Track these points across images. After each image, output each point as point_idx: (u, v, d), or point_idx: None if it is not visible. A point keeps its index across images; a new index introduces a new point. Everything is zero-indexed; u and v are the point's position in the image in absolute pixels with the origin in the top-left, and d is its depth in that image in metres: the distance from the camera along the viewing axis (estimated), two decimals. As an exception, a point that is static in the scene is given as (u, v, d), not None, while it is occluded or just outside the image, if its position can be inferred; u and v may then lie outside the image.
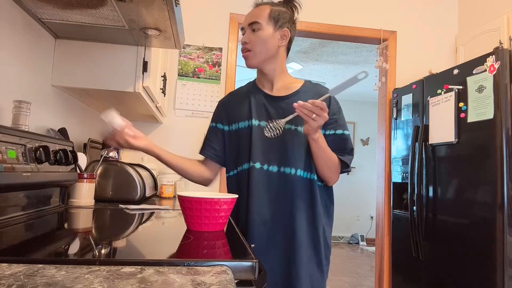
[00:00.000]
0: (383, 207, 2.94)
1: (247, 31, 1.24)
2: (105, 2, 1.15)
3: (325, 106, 1.03)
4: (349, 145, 1.23)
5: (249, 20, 1.23)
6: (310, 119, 1.03)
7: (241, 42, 1.24)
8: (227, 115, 1.30)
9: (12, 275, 0.46)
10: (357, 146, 6.51)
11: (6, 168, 0.85)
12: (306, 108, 1.02)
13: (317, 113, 1.02)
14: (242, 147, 1.24)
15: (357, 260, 4.98)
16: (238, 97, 1.32)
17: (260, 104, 1.25)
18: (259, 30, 1.21)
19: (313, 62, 4.71)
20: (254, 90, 1.30)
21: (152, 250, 0.75)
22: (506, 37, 2.35)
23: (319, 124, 1.05)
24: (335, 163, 1.20)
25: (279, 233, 1.16)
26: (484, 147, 1.99)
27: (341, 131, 1.22)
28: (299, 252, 1.14)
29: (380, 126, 3.10)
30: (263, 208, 1.17)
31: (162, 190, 2.02)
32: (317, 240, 1.18)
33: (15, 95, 1.26)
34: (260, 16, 1.22)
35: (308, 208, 1.18)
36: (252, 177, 1.18)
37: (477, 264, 1.97)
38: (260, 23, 1.21)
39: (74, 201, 1.32)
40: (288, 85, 1.27)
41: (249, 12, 1.26)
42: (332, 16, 2.94)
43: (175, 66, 2.72)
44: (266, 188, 1.18)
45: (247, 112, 1.25)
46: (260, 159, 1.19)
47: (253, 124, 1.22)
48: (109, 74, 1.55)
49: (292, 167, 1.18)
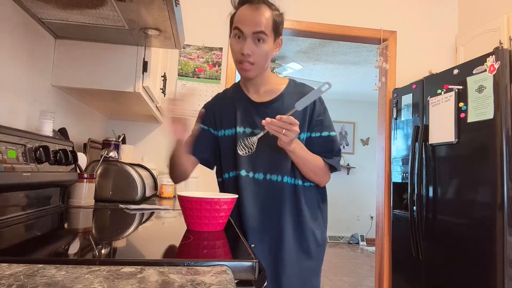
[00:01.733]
0: (383, 207, 2.94)
1: (249, 39, 1.12)
2: (105, 2, 1.15)
3: (294, 121, 1.02)
4: (336, 146, 1.22)
5: (254, 28, 1.11)
6: (280, 134, 1.03)
7: (241, 53, 1.13)
8: (215, 120, 1.27)
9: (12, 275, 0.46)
10: (357, 146, 6.51)
11: (6, 168, 0.85)
12: (274, 125, 1.02)
13: (287, 128, 1.02)
14: (227, 154, 1.22)
15: (357, 260, 4.98)
16: (224, 102, 1.28)
17: (245, 111, 1.22)
18: (264, 43, 1.13)
19: (313, 62, 4.71)
20: (239, 95, 1.26)
21: (152, 250, 0.75)
22: (506, 37, 2.35)
23: (290, 138, 1.05)
24: (320, 167, 1.19)
25: (266, 240, 1.16)
26: (484, 147, 1.99)
27: (327, 133, 1.21)
28: (288, 260, 1.14)
29: (380, 126, 3.10)
30: (251, 216, 1.16)
31: (162, 190, 2.02)
32: (306, 243, 1.18)
33: (15, 95, 1.26)
34: (267, 25, 1.12)
35: (294, 215, 1.18)
36: (239, 185, 1.17)
37: (477, 264, 1.97)
38: (266, 34, 1.12)
39: (74, 201, 1.32)
40: (272, 87, 1.24)
41: (250, 15, 1.12)
42: (332, 16, 2.94)
43: (175, 66, 2.72)
44: (253, 195, 1.17)
45: (233, 120, 1.23)
46: (245, 166, 1.17)
47: (237, 131, 1.20)
48: (109, 74, 1.55)
49: (279, 174, 1.17)
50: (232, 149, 1.20)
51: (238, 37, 1.14)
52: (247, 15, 1.13)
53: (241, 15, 1.14)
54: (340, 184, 6.16)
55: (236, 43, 1.15)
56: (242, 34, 1.13)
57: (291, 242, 1.16)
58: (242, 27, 1.12)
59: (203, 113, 1.29)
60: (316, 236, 1.20)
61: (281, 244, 1.15)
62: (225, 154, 1.24)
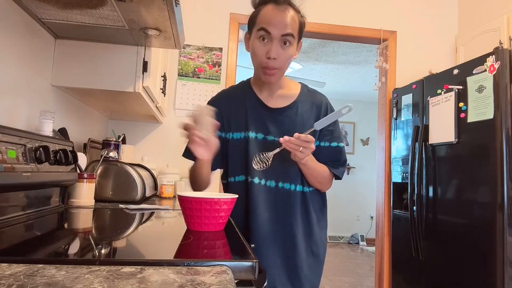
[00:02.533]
0: (383, 207, 2.94)
1: (276, 42, 1.07)
2: (105, 2, 1.15)
3: (311, 139, 1.02)
4: (343, 157, 1.23)
5: (283, 30, 1.06)
6: (297, 152, 1.04)
7: (267, 56, 1.07)
8: (223, 122, 1.21)
9: (12, 275, 0.46)
10: (357, 146, 6.51)
11: (6, 168, 0.85)
12: (292, 143, 1.02)
13: (304, 145, 1.02)
14: (235, 158, 1.20)
15: (357, 260, 4.98)
16: (233, 101, 1.23)
17: (258, 115, 1.19)
18: (290, 46, 1.09)
19: (313, 62, 4.71)
20: (250, 96, 1.22)
21: (152, 250, 0.75)
22: (506, 37, 2.35)
23: (306, 155, 1.05)
24: (326, 177, 1.20)
25: (278, 247, 1.16)
26: (484, 147, 1.99)
27: (336, 143, 1.22)
28: (301, 265, 1.15)
29: (380, 126, 3.10)
30: (262, 223, 1.15)
31: (162, 190, 2.02)
32: (316, 247, 1.19)
33: (15, 95, 1.26)
34: (294, 27, 1.09)
35: (304, 220, 1.19)
36: (250, 192, 1.16)
37: (477, 264, 1.97)
38: (294, 37, 1.09)
39: (74, 201, 1.32)
40: (286, 92, 1.22)
41: (279, 16, 1.06)
42: (332, 16, 2.94)
43: (175, 66, 2.72)
44: (265, 203, 1.16)
45: (243, 123, 1.19)
46: (258, 173, 1.16)
47: (250, 136, 1.17)
48: (109, 74, 1.55)
49: (292, 183, 1.17)
50: (241, 154, 1.18)
51: (263, 39, 1.08)
52: (275, 16, 1.06)
53: (268, 15, 1.07)
54: (340, 184, 6.10)
55: (261, 46, 1.08)
56: (268, 36, 1.07)
57: (303, 247, 1.17)
58: (270, 29, 1.06)
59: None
60: (322, 239, 1.22)
61: (294, 250, 1.16)
62: (233, 157, 1.21)
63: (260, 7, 1.11)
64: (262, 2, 1.11)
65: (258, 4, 1.12)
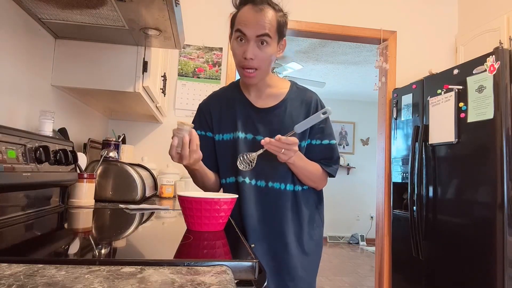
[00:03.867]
0: (383, 207, 2.94)
1: (252, 42, 1.07)
2: (105, 2, 1.15)
3: (293, 141, 1.02)
4: (335, 154, 1.22)
5: (257, 31, 1.06)
6: (279, 154, 1.04)
7: (243, 57, 1.08)
8: (212, 123, 1.23)
9: (12, 275, 0.46)
10: (357, 146, 6.51)
11: (6, 168, 0.85)
12: (273, 145, 1.02)
13: (285, 148, 1.03)
14: (225, 160, 1.20)
15: (357, 260, 4.98)
16: (223, 103, 1.24)
17: (247, 116, 1.19)
18: (267, 46, 1.09)
19: (313, 62, 4.71)
20: (239, 97, 1.23)
21: (152, 250, 0.75)
22: (506, 37, 2.35)
23: (289, 156, 1.05)
24: (318, 174, 1.19)
25: (269, 245, 1.16)
26: (484, 147, 1.99)
27: (328, 141, 1.21)
28: (291, 263, 1.16)
29: (380, 126, 3.10)
30: (253, 222, 1.16)
31: (162, 190, 2.02)
32: (307, 245, 1.19)
33: (15, 95, 1.26)
34: (271, 27, 1.07)
35: (295, 219, 1.19)
36: (241, 192, 1.16)
37: (477, 264, 1.97)
38: (271, 37, 1.08)
39: (74, 201, 1.32)
40: (275, 91, 1.21)
41: (254, 17, 1.07)
42: (332, 16, 2.94)
43: (175, 66, 2.72)
44: (256, 203, 1.17)
45: (233, 124, 1.20)
46: (248, 173, 1.16)
47: (239, 137, 1.18)
48: (109, 74, 1.55)
49: (282, 182, 1.17)
50: (230, 155, 1.19)
51: (240, 40, 1.10)
52: (250, 17, 1.07)
53: (244, 16, 1.08)
54: (340, 184, 6.16)
55: (238, 46, 1.10)
56: (244, 37, 1.08)
57: (293, 245, 1.17)
58: (245, 30, 1.07)
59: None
60: (313, 237, 1.22)
61: (284, 249, 1.16)
62: (222, 159, 1.22)
63: (240, 7, 1.12)
64: (241, 3, 1.12)
65: (238, 4, 1.13)
